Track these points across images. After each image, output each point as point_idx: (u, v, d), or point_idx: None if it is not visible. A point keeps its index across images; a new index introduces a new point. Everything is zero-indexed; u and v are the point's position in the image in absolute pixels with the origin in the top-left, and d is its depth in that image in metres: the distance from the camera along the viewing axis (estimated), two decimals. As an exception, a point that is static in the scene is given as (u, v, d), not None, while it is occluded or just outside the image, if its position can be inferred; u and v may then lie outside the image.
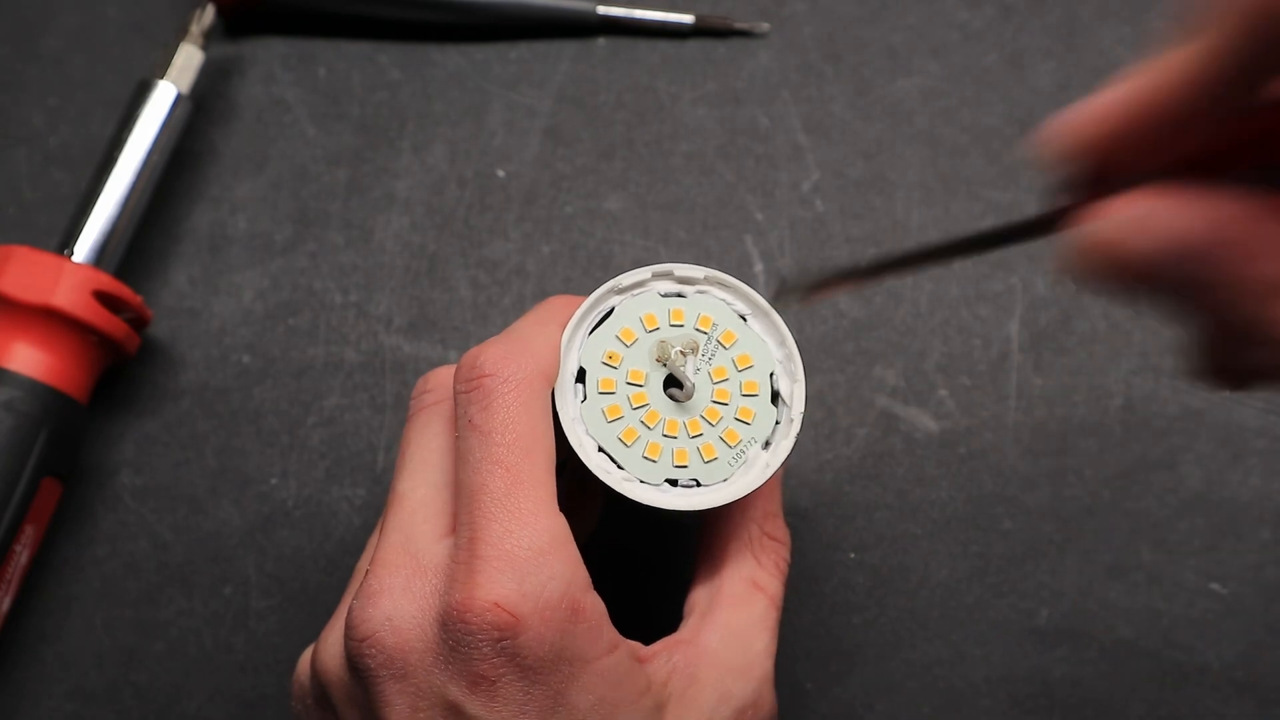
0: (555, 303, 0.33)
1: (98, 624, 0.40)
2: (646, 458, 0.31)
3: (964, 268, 0.44)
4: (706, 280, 0.32)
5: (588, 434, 0.31)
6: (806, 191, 0.45)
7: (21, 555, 0.39)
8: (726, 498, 0.31)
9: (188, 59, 0.43)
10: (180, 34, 0.44)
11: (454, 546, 0.29)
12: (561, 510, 0.29)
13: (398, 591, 0.29)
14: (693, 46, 0.47)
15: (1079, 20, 0.47)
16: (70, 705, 0.39)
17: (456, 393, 0.30)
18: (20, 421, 0.38)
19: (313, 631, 0.40)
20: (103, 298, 0.40)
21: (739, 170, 0.45)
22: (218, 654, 0.40)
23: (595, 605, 0.29)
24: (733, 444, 0.31)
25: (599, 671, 0.28)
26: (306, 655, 0.32)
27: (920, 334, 0.43)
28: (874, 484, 0.41)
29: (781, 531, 0.34)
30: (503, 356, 0.30)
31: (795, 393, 0.32)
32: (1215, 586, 0.40)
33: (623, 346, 0.32)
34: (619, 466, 0.31)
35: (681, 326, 0.32)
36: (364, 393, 0.42)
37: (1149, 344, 0.43)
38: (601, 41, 0.47)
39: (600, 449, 0.31)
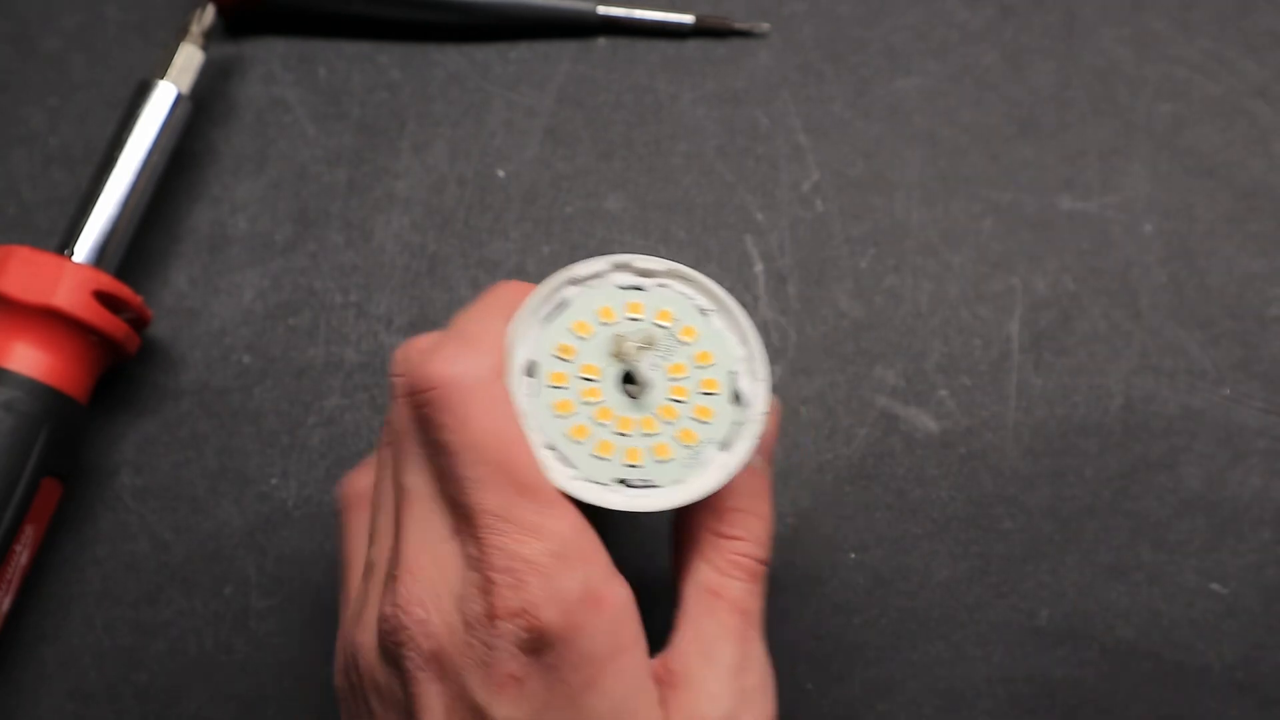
0: (504, 291, 0.31)
1: (98, 624, 0.40)
2: (597, 456, 0.29)
3: (964, 267, 0.44)
4: (668, 273, 0.31)
5: (536, 429, 0.29)
6: (806, 191, 0.45)
7: (21, 555, 0.39)
8: (679, 500, 0.29)
9: (188, 59, 0.43)
10: (180, 34, 0.44)
11: (467, 558, 0.28)
12: None
13: (429, 599, 0.28)
14: (693, 46, 0.47)
15: (1079, 20, 0.47)
16: (70, 705, 0.39)
17: (411, 404, 0.29)
18: (20, 421, 0.38)
19: (313, 631, 0.40)
20: (103, 298, 0.40)
21: (739, 170, 0.45)
22: (218, 654, 0.40)
23: (618, 594, 0.28)
24: (689, 444, 0.30)
25: (616, 673, 0.28)
26: (350, 642, 0.31)
27: (920, 334, 0.43)
28: (874, 484, 0.41)
29: (743, 527, 0.32)
30: (445, 363, 0.29)
31: (758, 392, 0.30)
32: (1215, 586, 0.40)
33: (577, 339, 0.30)
34: (568, 465, 0.29)
35: (640, 320, 0.30)
36: (364, 393, 0.42)
37: (1149, 344, 0.43)
38: (601, 41, 0.47)
39: (549, 446, 0.29)
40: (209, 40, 0.44)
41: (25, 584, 0.40)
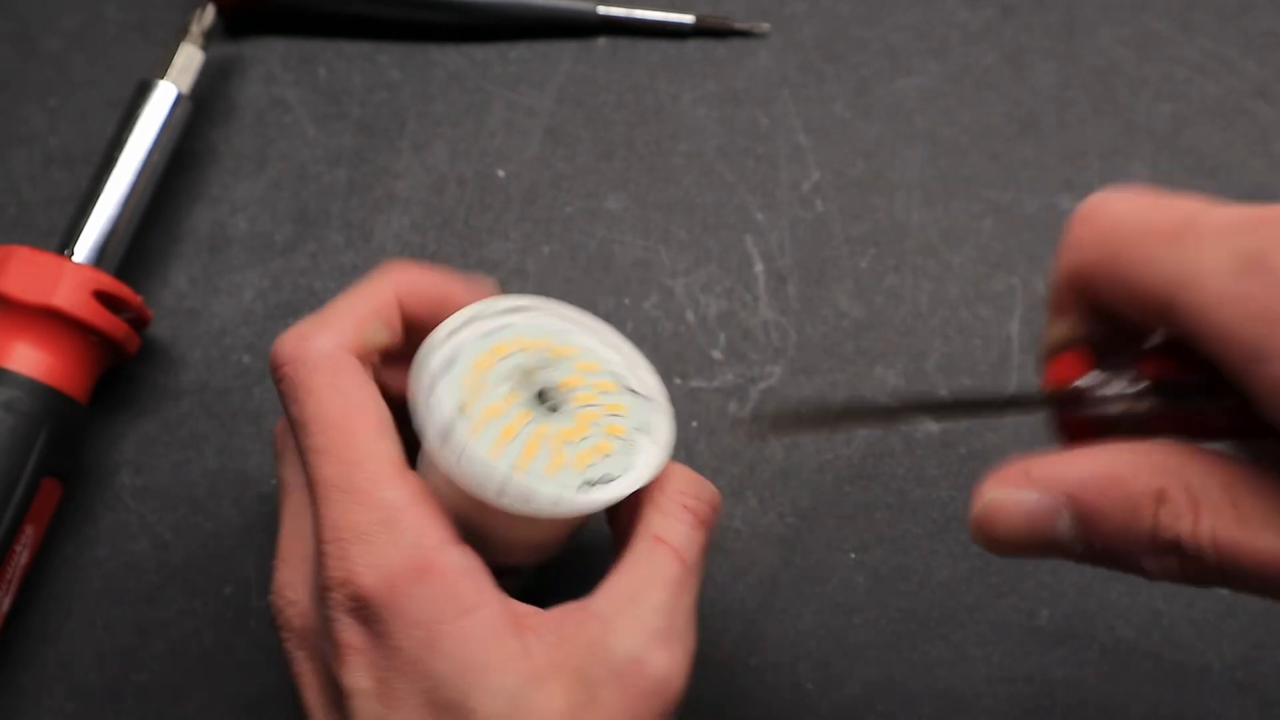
0: (377, 276, 0.33)
1: (98, 624, 0.40)
2: (561, 468, 0.30)
3: (964, 267, 0.44)
4: (528, 307, 0.33)
5: (488, 475, 0.30)
6: (806, 191, 0.45)
7: (21, 555, 0.39)
8: (643, 479, 0.31)
9: (188, 59, 0.43)
10: (180, 34, 0.44)
11: (315, 532, 0.30)
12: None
13: (298, 582, 0.31)
14: (693, 46, 0.47)
15: (1079, 20, 0.47)
16: (70, 705, 0.39)
17: (274, 381, 0.31)
18: (20, 421, 0.38)
19: (313, 631, 0.40)
20: (103, 298, 0.40)
21: (739, 170, 0.45)
22: (218, 654, 0.40)
23: (452, 562, 0.29)
24: (620, 435, 0.32)
25: (456, 635, 0.28)
26: None
27: (920, 334, 0.43)
28: (874, 484, 0.41)
29: (689, 483, 0.32)
30: (297, 340, 0.30)
31: (649, 382, 0.33)
32: (1215, 586, 0.40)
33: (484, 377, 0.31)
34: (532, 489, 0.30)
35: (525, 351, 0.32)
36: (364, 393, 0.42)
37: (1149, 344, 0.43)
38: (601, 41, 0.47)
39: (505, 479, 0.30)
40: (209, 40, 0.44)
41: (25, 584, 0.40)
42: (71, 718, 0.39)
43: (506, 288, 0.44)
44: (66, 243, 0.41)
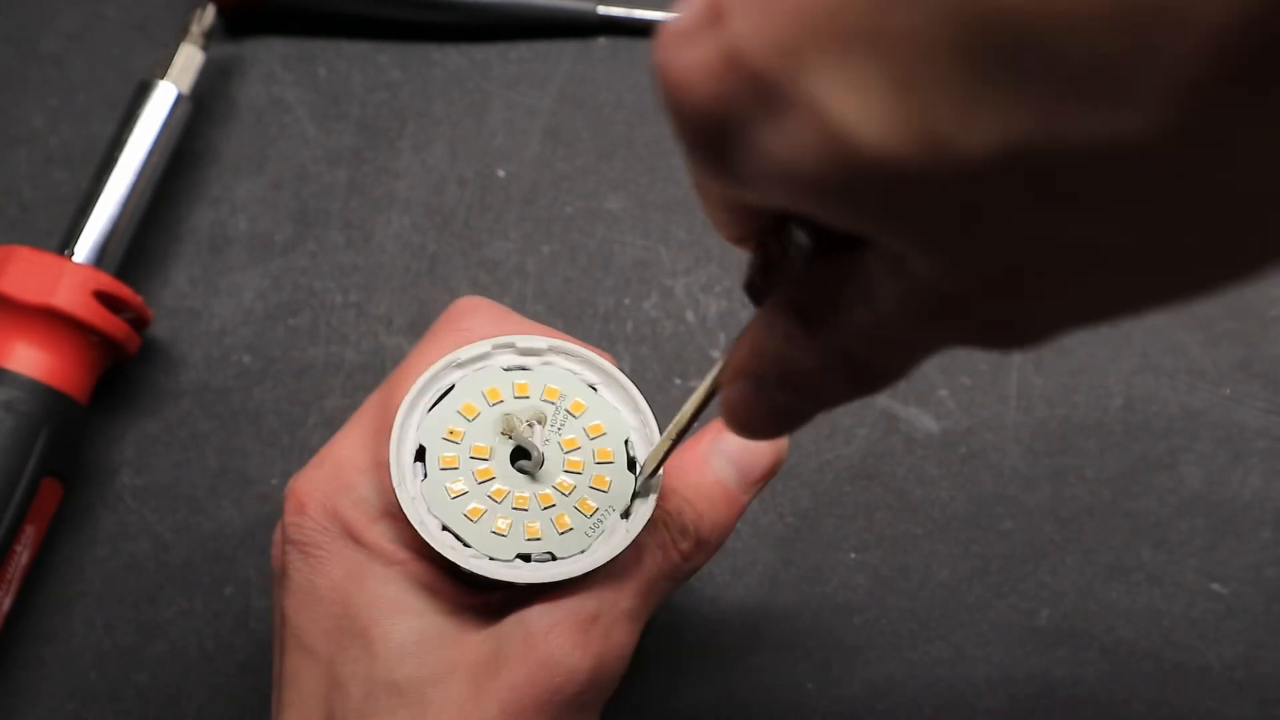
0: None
1: (98, 624, 0.40)
2: (496, 533, 0.29)
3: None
4: (551, 350, 0.31)
5: (430, 513, 0.29)
6: (806, 191, 0.45)
7: (22, 555, 0.38)
8: (580, 569, 0.29)
9: (188, 59, 0.43)
10: (180, 34, 0.44)
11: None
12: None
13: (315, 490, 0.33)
14: (693, 46, 0.47)
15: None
16: (70, 705, 0.39)
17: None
18: (20, 421, 0.38)
19: (313, 631, 0.40)
20: (103, 298, 0.40)
21: (739, 170, 0.45)
22: (218, 654, 0.40)
23: (386, 532, 0.30)
24: (588, 514, 0.30)
25: (384, 578, 0.29)
26: None
27: (920, 334, 0.43)
28: (874, 484, 0.41)
29: (673, 509, 0.31)
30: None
31: (653, 460, 0.30)
32: (1215, 586, 0.40)
33: (465, 421, 0.30)
34: (465, 544, 0.29)
35: (527, 399, 0.31)
36: (364, 393, 0.42)
37: (1149, 344, 0.43)
38: (601, 41, 0.47)
39: (445, 527, 0.29)
40: (209, 40, 0.44)
41: (25, 584, 0.40)
42: (71, 718, 0.39)
43: (506, 287, 0.44)
44: (66, 243, 0.41)
